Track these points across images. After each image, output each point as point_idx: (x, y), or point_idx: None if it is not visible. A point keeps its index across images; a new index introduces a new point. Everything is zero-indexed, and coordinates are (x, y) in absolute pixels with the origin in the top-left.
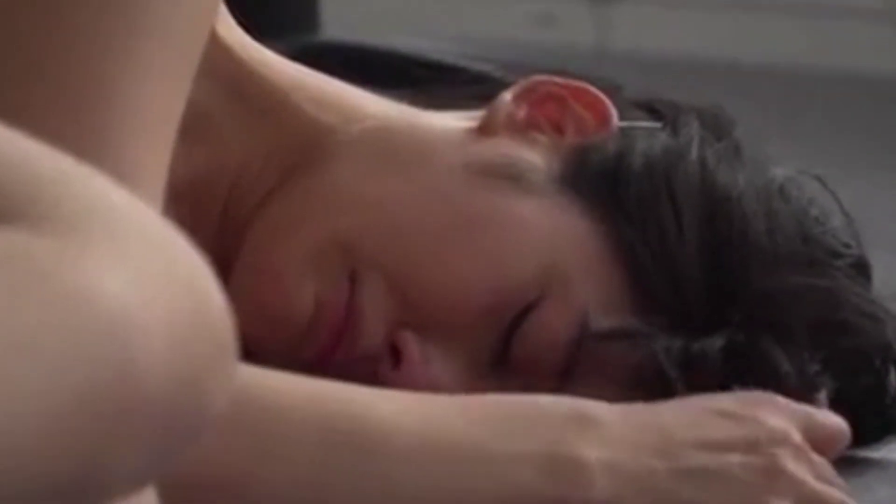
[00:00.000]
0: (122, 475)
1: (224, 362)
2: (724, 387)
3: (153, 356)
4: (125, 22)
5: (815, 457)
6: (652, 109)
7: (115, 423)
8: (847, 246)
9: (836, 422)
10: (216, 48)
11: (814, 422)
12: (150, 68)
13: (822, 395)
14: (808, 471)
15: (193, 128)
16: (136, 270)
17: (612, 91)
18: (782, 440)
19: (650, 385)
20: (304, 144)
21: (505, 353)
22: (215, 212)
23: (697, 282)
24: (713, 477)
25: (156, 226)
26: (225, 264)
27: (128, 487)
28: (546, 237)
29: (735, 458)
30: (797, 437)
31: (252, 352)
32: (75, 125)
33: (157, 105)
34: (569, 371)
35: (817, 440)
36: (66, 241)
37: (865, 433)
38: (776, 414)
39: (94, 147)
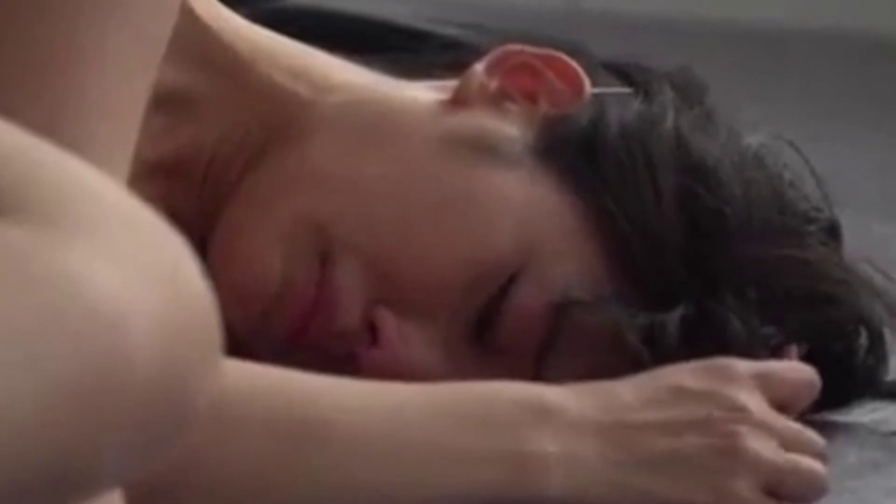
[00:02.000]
0: (107, 467)
1: (210, 354)
2: (688, 358)
3: (139, 347)
4: (92, 3)
5: (781, 422)
6: (623, 74)
7: (101, 414)
8: (819, 210)
9: (799, 374)
10: (190, 22)
11: (776, 380)
12: (117, 49)
13: (793, 350)
14: (770, 442)
15: (170, 104)
16: (120, 260)
17: (583, 56)
18: (740, 415)
19: (626, 357)
20: (278, 119)
21: (485, 329)
22: (194, 188)
23: (676, 251)
24: (670, 463)
25: (141, 214)
26: (205, 242)
27: (114, 480)
28: (523, 209)
29: (691, 440)
30: (757, 406)
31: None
32: (39, 106)
33: (124, 86)
34: (549, 346)
35: (783, 397)
36: (50, 232)
37: (834, 397)
38: (734, 384)
39: (58, 128)
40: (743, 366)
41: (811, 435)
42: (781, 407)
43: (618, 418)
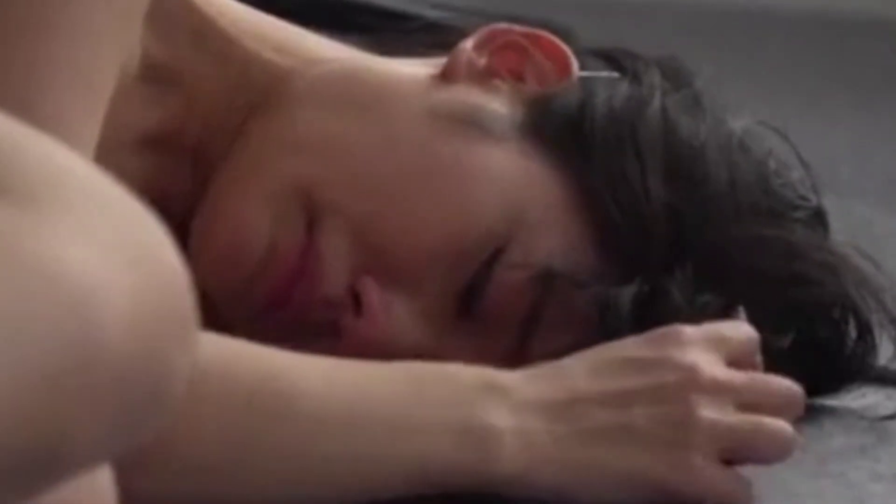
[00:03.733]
0: (85, 448)
1: (185, 333)
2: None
3: (112, 326)
4: None
5: (738, 377)
6: (610, 59)
7: (77, 394)
8: (804, 198)
9: (742, 331)
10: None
11: (723, 339)
12: (87, 19)
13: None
14: (727, 405)
15: (157, 78)
16: (96, 241)
17: (570, 39)
18: (692, 378)
19: (608, 332)
20: (267, 88)
21: (470, 302)
22: (183, 161)
23: (661, 230)
24: (622, 435)
25: (115, 195)
26: (194, 214)
27: (92, 460)
28: (510, 183)
29: (643, 411)
30: (709, 365)
31: (212, 302)
32: (10, 73)
33: (95, 55)
34: (532, 319)
35: (731, 355)
36: (27, 213)
37: (824, 383)
38: (684, 346)
39: (28, 96)
40: (690, 329)
41: (773, 380)
42: (731, 365)
43: (568, 394)
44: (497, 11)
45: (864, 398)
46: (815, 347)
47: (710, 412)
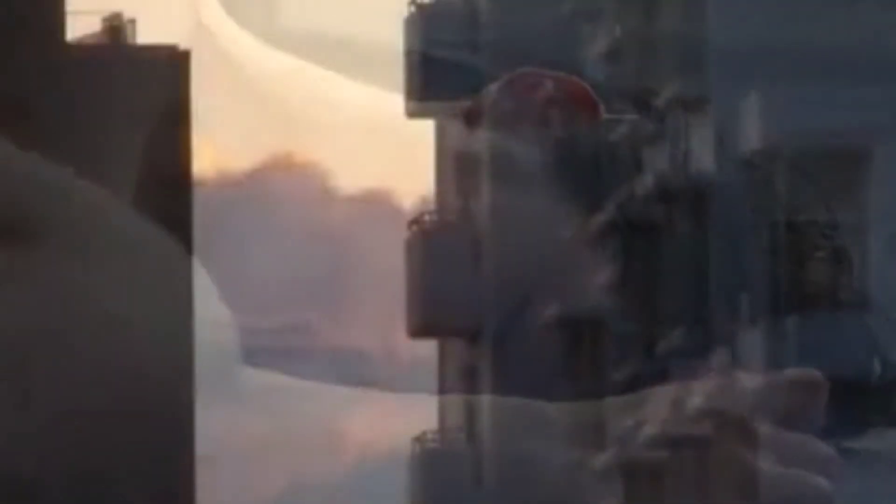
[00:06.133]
0: (118, 481)
1: (218, 365)
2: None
3: (146, 361)
4: None
5: (786, 435)
6: (634, 98)
7: (110, 427)
8: (828, 237)
9: (805, 377)
10: (199, 36)
11: (783, 389)
12: None
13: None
14: (775, 457)
15: (177, 112)
16: (133, 279)
17: (588, 79)
18: (744, 429)
19: (641, 370)
20: (282, 129)
21: (503, 342)
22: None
23: (686, 268)
24: (675, 473)
25: (148, 233)
26: None
27: (124, 496)
28: (535, 226)
29: (694, 454)
30: (763, 419)
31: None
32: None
33: None
34: (565, 358)
35: (791, 404)
36: (62, 251)
37: (847, 424)
38: (739, 398)
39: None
40: (747, 380)
41: (818, 445)
42: (791, 413)
43: (620, 434)
44: (518, 50)
45: (883, 441)
46: (841, 388)
47: (761, 461)
